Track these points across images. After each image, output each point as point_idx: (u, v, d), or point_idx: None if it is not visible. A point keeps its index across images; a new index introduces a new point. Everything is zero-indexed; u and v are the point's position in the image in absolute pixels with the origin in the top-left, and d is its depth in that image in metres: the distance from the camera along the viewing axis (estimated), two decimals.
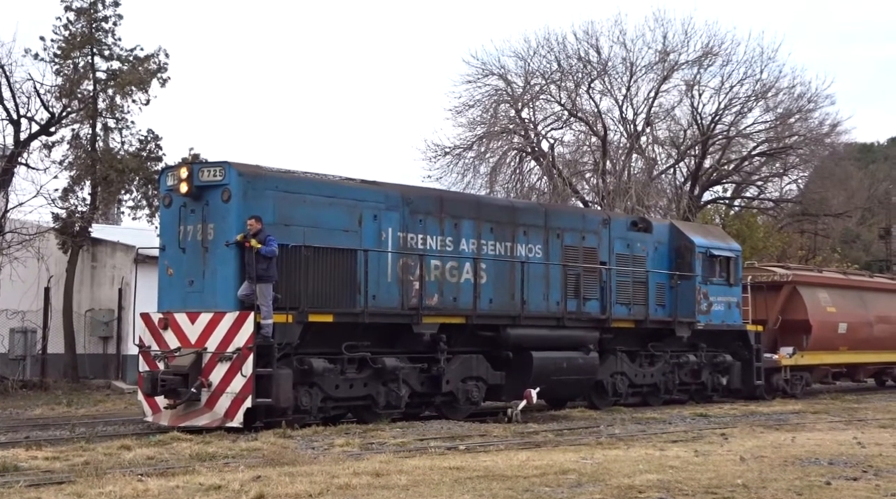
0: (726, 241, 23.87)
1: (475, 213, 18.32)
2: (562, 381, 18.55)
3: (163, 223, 16.30)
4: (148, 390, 15.29)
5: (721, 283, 22.48)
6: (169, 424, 15.01)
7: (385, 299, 16.61)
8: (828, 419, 18.58)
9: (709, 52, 35.76)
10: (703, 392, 22.39)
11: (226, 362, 14.88)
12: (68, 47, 25.41)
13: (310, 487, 8.78)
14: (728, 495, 8.70)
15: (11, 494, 8.63)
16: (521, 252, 18.78)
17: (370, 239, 16.54)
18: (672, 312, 21.33)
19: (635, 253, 21.00)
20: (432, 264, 17.32)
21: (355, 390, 16.21)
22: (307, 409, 15.50)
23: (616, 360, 20.40)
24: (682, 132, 38.08)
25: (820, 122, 38.33)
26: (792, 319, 25.27)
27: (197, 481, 9.35)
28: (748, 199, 41.81)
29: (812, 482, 9.48)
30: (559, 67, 35.96)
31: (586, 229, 20.14)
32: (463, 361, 17.60)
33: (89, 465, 10.79)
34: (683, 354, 21.76)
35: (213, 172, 15.44)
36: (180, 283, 15.67)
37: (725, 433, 15.21)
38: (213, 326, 15.10)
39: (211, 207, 15.39)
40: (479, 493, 8.49)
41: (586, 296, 19.66)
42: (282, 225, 15.42)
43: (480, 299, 17.85)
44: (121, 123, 26.17)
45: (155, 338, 15.70)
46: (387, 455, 11.85)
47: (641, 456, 11.53)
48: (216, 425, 14.68)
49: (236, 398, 14.76)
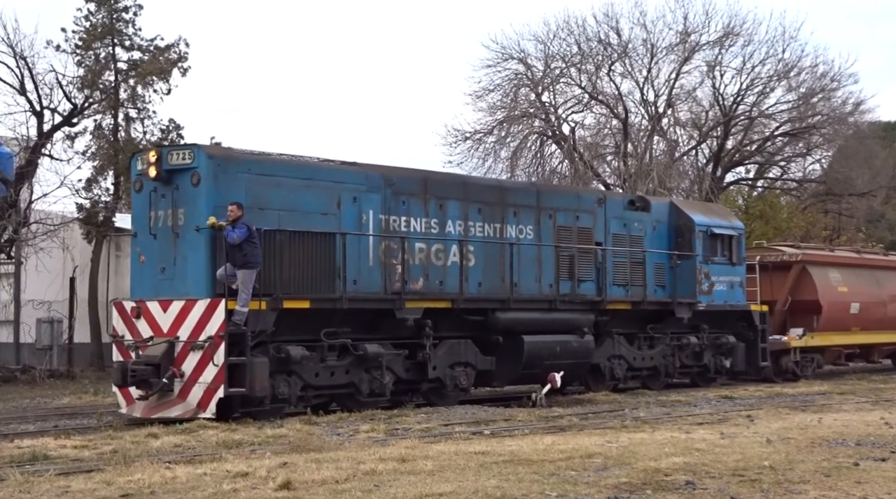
0: (728, 218, 22.57)
1: (462, 193, 17.36)
2: (555, 365, 17.54)
3: (134, 209, 15.54)
4: (118, 381, 14.52)
5: (723, 262, 21.32)
6: (142, 415, 14.27)
7: (366, 284, 15.70)
8: (854, 400, 17.85)
9: (730, 32, 34.60)
10: (706, 375, 21.36)
11: (198, 351, 14.04)
12: (89, 38, 24.92)
13: (336, 473, 8.61)
14: (755, 477, 8.43)
15: (42, 482, 8.50)
16: (511, 233, 17.79)
17: (350, 222, 15.61)
18: (671, 293, 20.25)
19: (632, 233, 19.91)
20: (416, 247, 16.40)
21: (337, 378, 15.34)
22: (286, 398, 14.69)
23: (613, 343, 19.38)
24: (704, 113, 37.03)
25: (843, 101, 37.00)
26: (802, 299, 23.98)
27: (224, 468, 9.13)
28: (771, 179, 40.72)
29: (840, 464, 9.17)
30: (579, 50, 34.98)
31: (581, 209, 19.05)
32: (450, 347, 16.70)
33: (117, 453, 10.61)
34: (684, 336, 20.68)
35: (181, 155, 14.63)
36: (152, 270, 14.86)
37: (751, 415, 14.70)
38: (185, 314, 14.27)
39: (181, 191, 14.53)
40: (504, 477, 8.31)
41: (581, 277, 18.66)
42: (256, 209, 14.50)
43: (468, 283, 16.93)
44: (142, 113, 25.64)
45: (128, 327, 14.93)
46: (412, 441, 11.50)
47: (667, 439, 11.21)
48: (189, 415, 13.90)
49: (208, 388, 13.95)
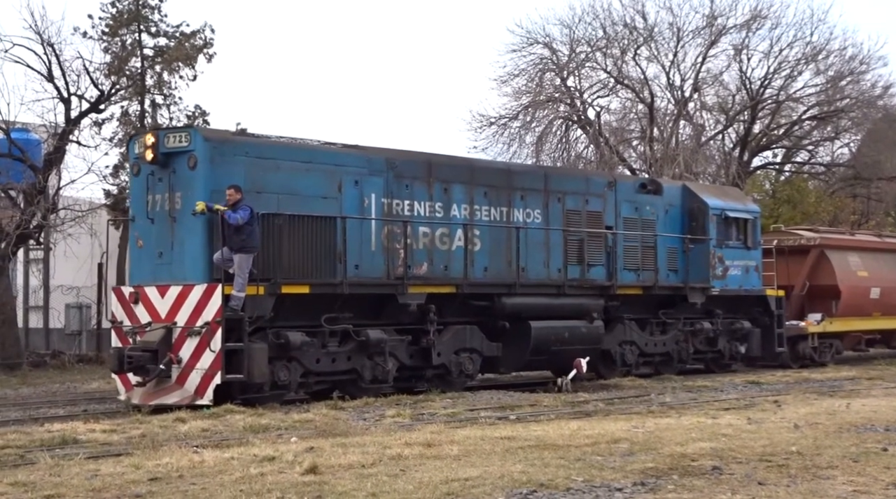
0: (744, 201, 22.01)
1: (467, 177, 16.94)
2: (564, 351, 17.18)
3: (132, 193, 15.26)
4: (114, 367, 14.30)
5: (738, 246, 20.74)
6: (140, 402, 13.98)
7: (369, 269, 15.32)
8: (883, 385, 17.37)
9: (757, 15, 33.60)
10: (720, 361, 20.78)
11: (195, 337, 13.71)
12: (116, 25, 24.71)
13: (362, 457, 8.51)
14: (782, 462, 8.26)
15: (72, 465, 8.44)
16: (518, 217, 17.35)
17: (351, 206, 15.22)
18: (684, 278, 19.68)
19: (644, 216, 19.38)
20: (420, 232, 16.00)
21: (338, 364, 14.97)
22: (286, 384, 14.36)
23: (624, 328, 18.88)
24: (731, 97, 36.06)
25: (872, 85, 35.95)
26: (820, 284, 23.32)
27: (251, 452, 9.01)
28: (799, 164, 39.84)
29: (868, 449, 8.96)
30: (605, 34, 34.12)
31: (590, 192, 18.57)
32: (455, 333, 16.27)
33: (146, 437, 10.52)
34: (698, 321, 20.11)
35: (178, 137, 14.32)
36: (150, 255, 14.57)
37: (778, 401, 14.31)
38: (182, 299, 13.94)
39: (178, 174, 14.21)
40: (531, 462, 8.20)
41: (590, 262, 18.21)
42: (254, 192, 14.14)
43: (473, 268, 16.51)
44: (168, 99, 25.45)
45: (127, 313, 14.64)
46: (438, 426, 11.32)
47: (693, 424, 10.99)
48: (186, 402, 13.59)
49: (206, 375, 13.62)
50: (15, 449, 9.82)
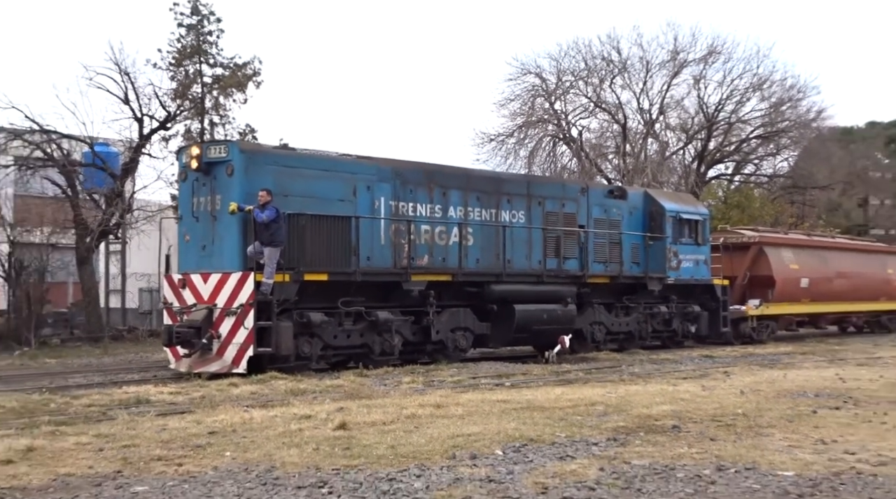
0: (695, 205, 20.85)
1: (462, 183, 16.04)
2: (542, 330, 16.20)
3: (180, 196, 14.41)
4: (165, 341, 13.65)
5: (690, 243, 19.76)
6: (186, 370, 13.25)
7: (379, 260, 14.50)
8: (814, 359, 16.69)
9: (713, 51, 33.16)
10: (674, 339, 19.79)
11: (232, 316, 12.97)
12: (180, 57, 23.93)
13: (383, 416, 8.31)
14: (730, 422, 8.05)
15: (144, 421, 8.33)
16: (505, 218, 16.46)
17: (364, 207, 14.39)
18: (645, 269, 18.74)
19: (611, 217, 18.43)
20: (422, 229, 15.15)
21: (352, 340, 14.17)
22: (308, 356, 13.57)
23: (594, 311, 17.95)
24: (690, 119, 35.48)
25: (808, 110, 35.41)
26: (758, 275, 22.24)
27: (291, 411, 8.75)
28: (746, 175, 39.05)
29: (801, 412, 8.77)
30: (586, 66, 33.66)
31: (566, 197, 17.50)
32: (451, 314, 15.43)
33: (205, 398, 10.27)
34: (656, 305, 19.15)
35: (218, 149, 13.56)
36: (195, 247, 13.77)
37: (727, 371, 13.81)
38: (222, 284, 13.19)
39: (218, 180, 13.45)
40: (522, 421, 8.02)
41: (566, 255, 17.23)
42: (281, 195, 13.34)
43: (467, 259, 15.64)
44: (224, 119, 24.62)
45: (176, 296, 13.84)
46: (445, 390, 10.98)
47: (657, 390, 10.70)
48: (225, 370, 12.85)
49: (241, 348, 12.90)
50: (98, 407, 9.60)
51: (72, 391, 11.05)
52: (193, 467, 6.06)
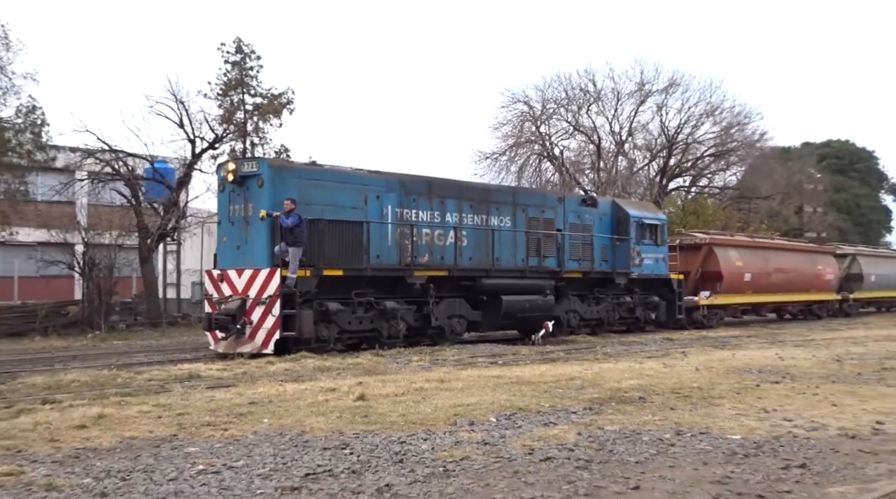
0: (655, 212, 20.93)
1: (458, 193, 16.13)
2: (525, 317, 16.35)
3: (219, 204, 14.52)
4: (206, 327, 13.81)
5: (650, 243, 19.86)
6: (223, 350, 13.41)
7: (387, 258, 14.68)
8: (757, 341, 16.68)
9: (673, 82, 33.65)
10: (638, 324, 19.93)
11: (262, 306, 13.17)
12: (226, 89, 24.17)
13: (395, 388, 8.35)
14: (687, 394, 8.11)
15: (195, 393, 8.44)
16: (494, 222, 16.58)
17: (374, 214, 14.58)
18: (612, 266, 18.91)
19: (584, 222, 18.53)
20: (423, 232, 15.28)
21: (364, 325, 14.36)
22: (326, 339, 13.75)
23: (569, 301, 18.08)
24: (654, 140, 35.73)
25: (753, 132, 35.66)
26: (709, 270, 22.27)
27: (319, 385, 8.84)
28: (701, 187, 39.20)
29: (746, 385, 8.83)
30: (566, 96, 34.07)
31: (546, 205, 17.60)
32: (448, 304, 15.60)
33: (246, 374, 10.32)
34: (622, 296, 19.29)
35: (251, 164, 13.72)
36: (231, 247, 13.97)
37: (685, 351, 13.87)
38: (253, 279, 13.40)
39: (250, 191, 13.66)
40: (513, 393, 8.06)
41: (545, 254, 17.32)
42: (304, 204, 13.58)
43: (461, 257, 15.79)
44: (262, 140, 24.83)
45: (215, 288, 14.05)
46: (448, 368, 10.98)
47: (626, 368, 10.70)
48: (256, 351, 13.05)
49: (269, 332, 13.10)
50: (157, 381, 9.68)
51: (135, 368, 11.20)
52: (237, 431, 6.14)
